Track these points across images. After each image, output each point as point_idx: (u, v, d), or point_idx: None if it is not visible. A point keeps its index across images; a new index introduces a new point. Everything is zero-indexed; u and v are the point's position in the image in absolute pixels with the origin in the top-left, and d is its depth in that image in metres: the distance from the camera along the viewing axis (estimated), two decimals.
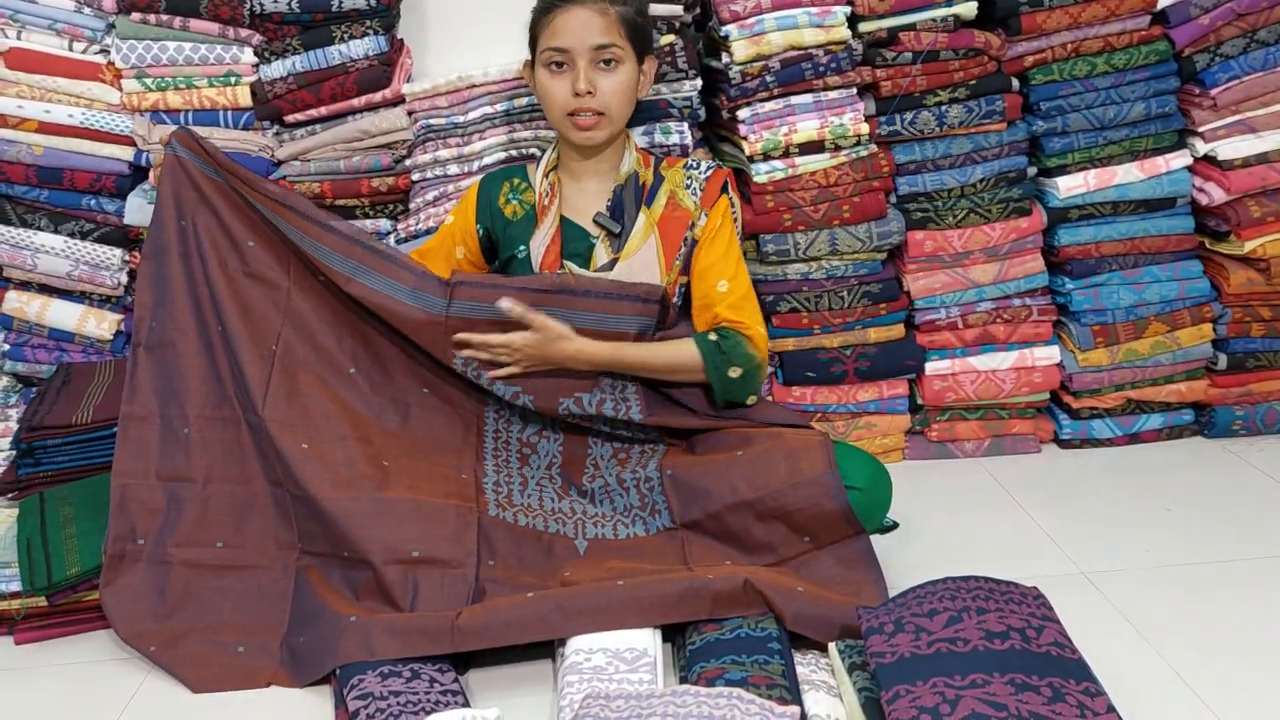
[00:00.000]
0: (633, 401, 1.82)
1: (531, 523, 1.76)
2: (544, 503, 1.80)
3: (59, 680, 1.62)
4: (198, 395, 1.81)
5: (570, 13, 1.77)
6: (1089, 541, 1.87)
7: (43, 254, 2.17)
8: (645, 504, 1.78)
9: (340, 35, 2.10)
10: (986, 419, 2.26)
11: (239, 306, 1.84)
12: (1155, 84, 2.16)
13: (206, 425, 1.81)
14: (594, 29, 1.77)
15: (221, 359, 1.83)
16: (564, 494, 1.83)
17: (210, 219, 1.87)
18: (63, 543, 1.72)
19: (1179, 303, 2.23)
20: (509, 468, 1.84)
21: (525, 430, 1.87)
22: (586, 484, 1.83)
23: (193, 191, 1.87)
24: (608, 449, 1.86)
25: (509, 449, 1.86)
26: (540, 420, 1.87)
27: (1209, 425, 2.28)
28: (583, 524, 1.77)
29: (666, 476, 1.77)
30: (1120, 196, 2.20)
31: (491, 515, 1.75)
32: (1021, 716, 1.21)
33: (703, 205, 1.88)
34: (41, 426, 1.93)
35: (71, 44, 2.11)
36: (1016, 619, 1.37)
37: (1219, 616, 1.63)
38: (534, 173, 1.93)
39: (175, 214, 1.86)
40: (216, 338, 1.84)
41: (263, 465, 1.79)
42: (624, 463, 1.84)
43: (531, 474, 1.84)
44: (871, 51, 2.12)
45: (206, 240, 1.86)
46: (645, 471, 1.79)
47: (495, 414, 1.88)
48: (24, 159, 2.13)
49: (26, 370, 2.27)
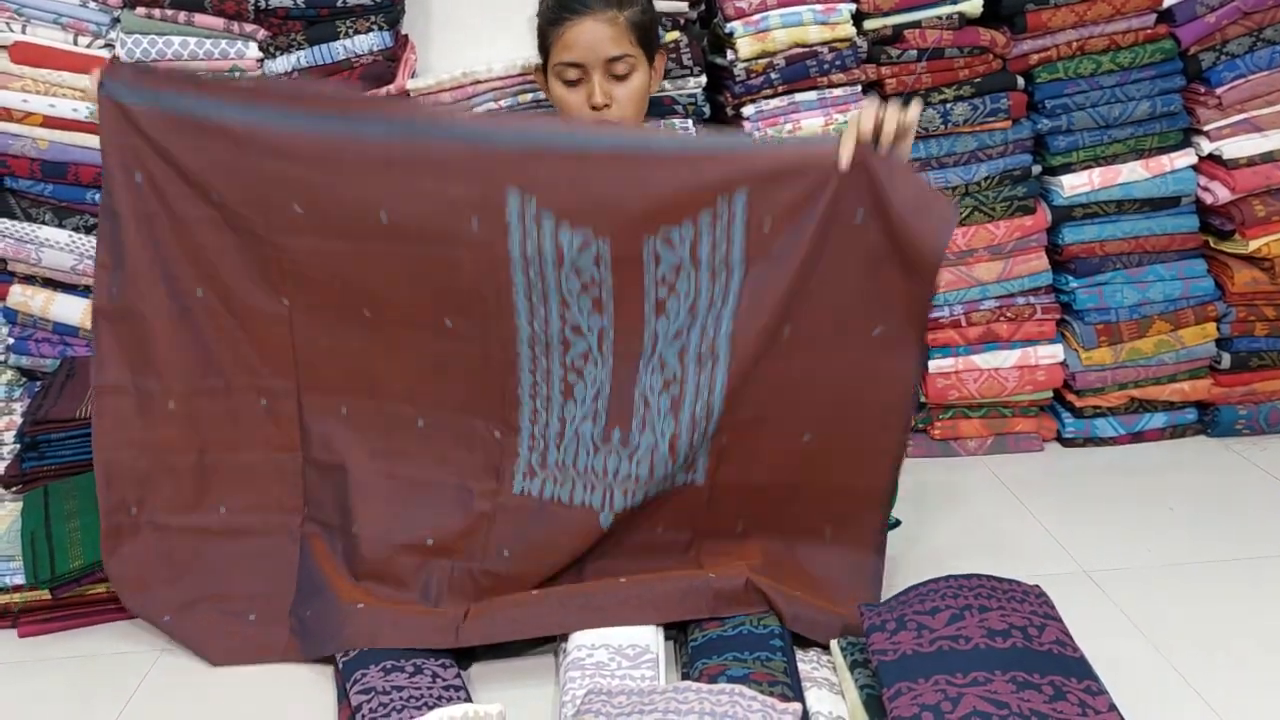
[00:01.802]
0: (737, 239, 1.51)
1: (558, 493, 1.63)
2: (578, 459, 1.63)
3: (63, 673, 1.62)
4: (178, 367, 1.70)
5: (581, 25, 1.75)
6: (1091, 540, 1.87)
7: (47, 248, 2.17)
8: (688, 464, 1.60)
9: (345, 30, 2.10)
10: (989, 417, 2.26)
11: (222, 266, 1.67)
12: (1160, 82, 2.16)
13: (194, 398, 1.71)
14: (605, 40, 1.75)
15: (205, 327, 1.69)
16: (602, 443, 1.62)
17: (166, 169, 1.63)
18: (66, 536, 1.73)
19: (1183, 301, 2.23)
20: (549, 408, 1.63)
21: (570, 353, 1.62)
22: (634, 432, 1.61)
23: (137, 138, 1.63)
24: (658, 379, 1.59)
25: (550, 381, 1.63)
26: (583, 339, 1.60)
27: (1212, 424, 2.27)
28: (612, 492, 1.60)
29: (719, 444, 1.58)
30: (1125, 195, 2.19)
31: (516, 494, 1.65)
32: (1023, 715, 1.21)
33: None
34: (46, 420, 1.93)
35: (76, 38, 2.11)
36: (1018, 617, 1.37)
37: (1221, 616, 1.63)
38: None
39: (123, 169, 1.64)
40: (196, 304, 1.69)
41: (267, 432, 1.71)
42: (677, 408, 1.58)
43: (573, 413, 1.63)
44: (876, 49, 2.12)
45: (168, 194, 1.64)
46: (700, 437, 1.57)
47: (531, 344, 1.61)
48: (29, 153, 2.13)
49: (31, 364, 2.27)
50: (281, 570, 1.68)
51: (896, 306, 1.50)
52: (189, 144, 1.62)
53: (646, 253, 1.53)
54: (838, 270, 1.50)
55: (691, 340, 1.56)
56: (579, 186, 1.52)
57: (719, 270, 1.52)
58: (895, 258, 1.48)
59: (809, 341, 1.53)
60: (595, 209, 1.52)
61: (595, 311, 1.58)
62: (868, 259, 1.49)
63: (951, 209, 1.52)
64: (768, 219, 1.49)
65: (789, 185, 1.48)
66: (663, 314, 1.56)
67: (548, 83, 1.85)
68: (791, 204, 1.48)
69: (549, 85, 1.85)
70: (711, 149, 1.54)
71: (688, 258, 1.53)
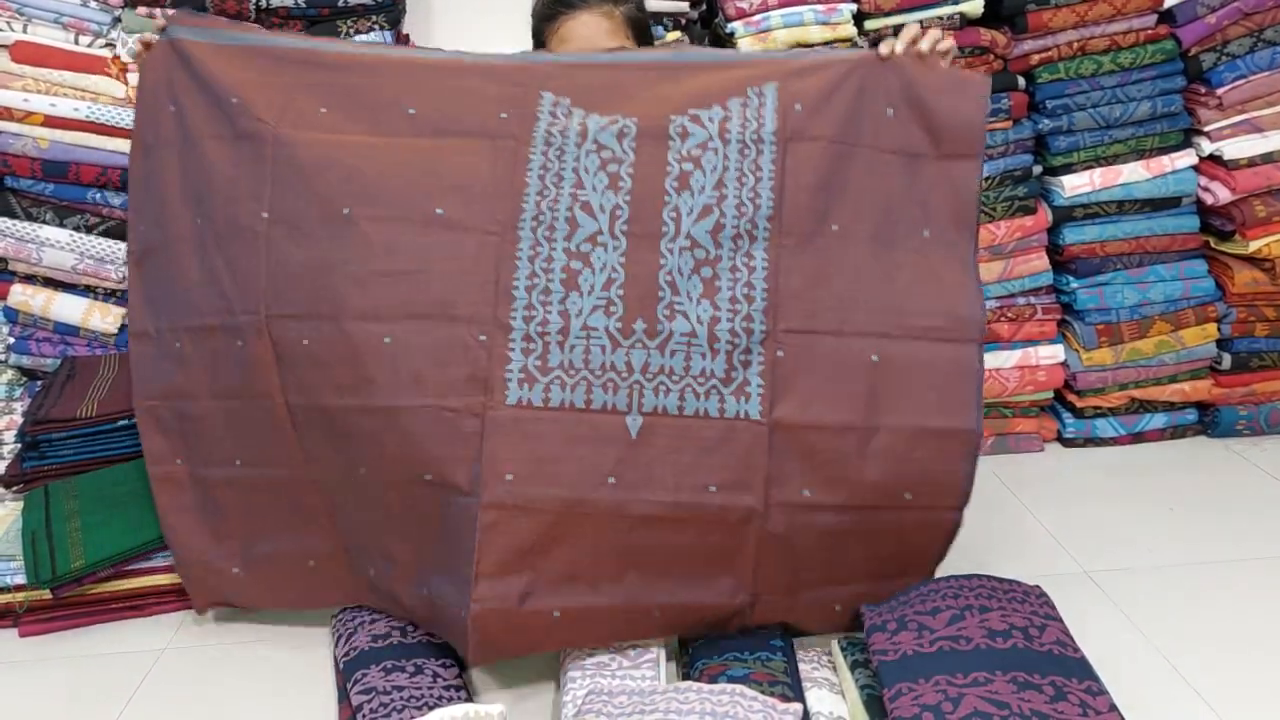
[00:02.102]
0: (768, 117, 1.47)
1: (568, 398, 1.43)
2: (590, 357, 1.44)
3: (63, 673, 1.63)
4: (187, 303, 1.61)
5: (577, 19, 1.75)
6: (1092, 540, 1.87)
7: (48, 248, 2.17)
8: (731, 378, 1.44)
9: (346, 30, 2.10)
10: (990, 417, 2.26)
11: (224, 181, 1.56)
12: (1161, 83, 2.16)
13: (198, 336, 1.60)
14: (601, 33, 1.76)
15: (214, 256, 1.58)
16: (622, 337, 1.44)
17: (200, 94, 1.58)
18: (67, 536, 1.73)
19: (1183, 302, 2.23)
20: (547, 302, 1.45)
21: (574, 236, 1.46)
22: (662, 320, 1.44)
23: (181, 70, 1.59)
24: (689, 259, 1.45)
25: (549, 270, 1.46)
26: (593, 219, 1.47)
27: (1212, 425, 2.27)
28: (640, 389, 1.43)
29: (775, 353, 1.43)
30: (1125, 195, 2.20)
31: (510, 406, 1.43)
32: (1024, 715, 1.21)
33: None
34: (46, 420, 1.93)
35: (77, 38, 2.11)
36: (1019, 617, 1.37)
37: (1221, 616, 1.63)
38: None
39: (166, 100, 1.61)
40: (208, 233, 1.59)
41: (261, 374, 1.55)
42: (713, 290, 1.45)
43: (578, 305, 1.45)
44: None
45: (198, 117, 1.58)
46: (748, 325, 1.44)
47: (534, 223, 1.47)
48: (29, 152, 2.13)
49: (31, 363, 2.27)
50: (320, 519, 1.60)
51: (942, 206, 1.48)
52: (232, 65, 1.58)
53: (673, 129, 1.48)
54: (876, 166, 1.48)
55: (728, 215, 1.46)
56: (611, 87, 1.52)
57: (749, 145, 1.46)
58: (932, 151, 1.47)
59: (856, 238, 1.47)
60: (625, 100, 1.50)
61: (610, 189, 1.47)
62: (905, 155, 1.48)
63: (984, 83, 1.49)
64: (797, 102, 1.47)
65: (817, 74, 1.48)
66: (685, 189, 1.46)
67: None
68: (820, 89, 1.47)
69: None
70: (742, 58, 1.60)
71: (716, 134, 1.47)
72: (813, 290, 1.46)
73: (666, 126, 1.47)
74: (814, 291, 1.46)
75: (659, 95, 1.49)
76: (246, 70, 1.57)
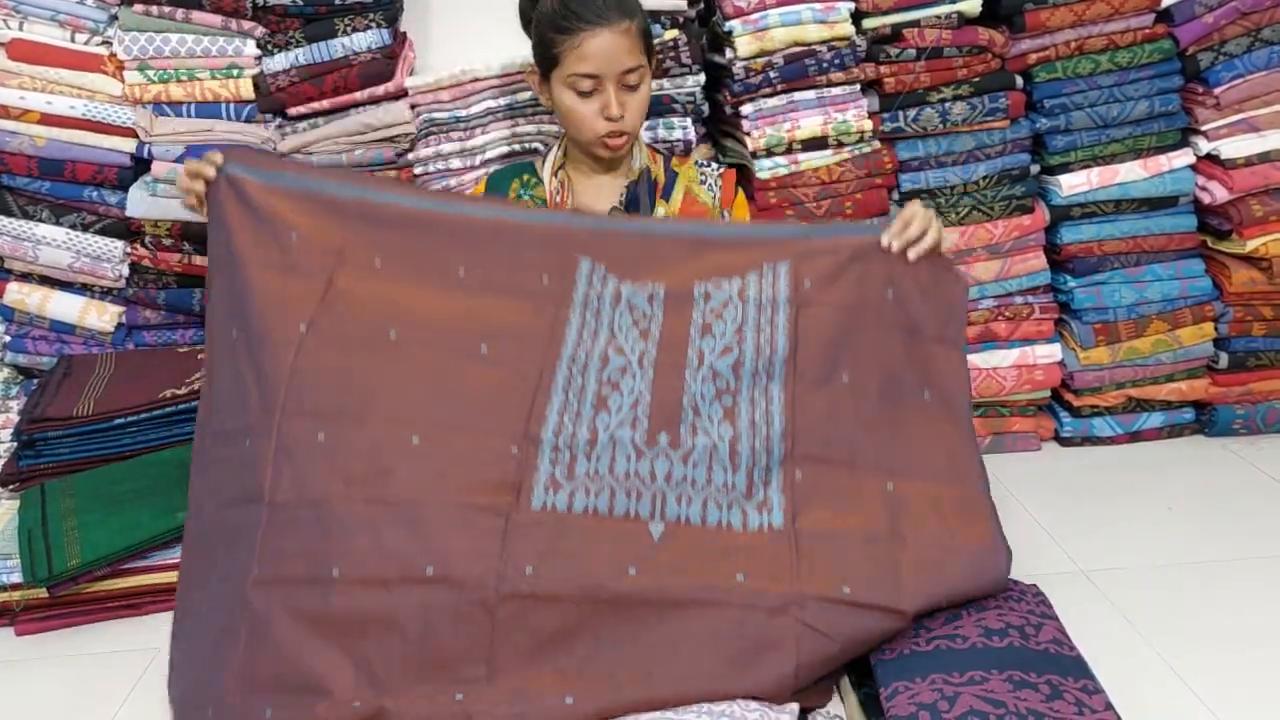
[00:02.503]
0: (782, 286, 1.57)
1: (593, 504, 1.42)
2: (615, 465, 1.45)
3: (60, 672, 1.62)
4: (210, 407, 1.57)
5: (599, 36, 1.71)
6: (1088, 540, 1.87)
7: (44, 246, 2.17)
8: (752, 493, 1.46)
9: (343, 28, 2.10)
10: (987, 416, 2.26)
11: (269, 301, 1.53)
12: (1159, 82, 2.16)
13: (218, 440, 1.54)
14: (623, 52, 1.73)
15: (244, 362, 1.52)
16: (647, 447, 1.46)
17: (257, 228, 1.57)
18: (64, 535, 1.72)
19: (1180, 301, 2.23)
20: (580, 421, 1.48)
21: (607, 369, 1.53)
22: (685, 436, 1.48)
23: (240, 205, 1.58)
24: (710, 388, 1.52)
25: (583, 398, 1.50)
26: (623, 356, 1.54)
27: (1209, 424, 2.28)
28: (663, 497, 1.43)
29: (794, 474, 1.47)
30: (1123, 195, 2.20)
31: (535, 510, 1.41)
32: (1020, 714, 1.21)
33: (723, 204, 1.89)
34: (43, 418, 1.93)
35: (74, 35, 2.11)
36: (1015, 616, 1.38)
37: (1218, 615, 1.63)
38: (541, 169, 1.91)
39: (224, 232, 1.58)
40: (241, 344, 1.54)
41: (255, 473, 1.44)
42: (733, 415, 1.50)
43: (606, 422, 1.48)
44: (875, 48, 2.12)
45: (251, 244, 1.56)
46: (768, 445, 1.48)
47: (570, 362, 1.53)
48: (26, 150, 2.13)
49: (27, 362, 2.27)
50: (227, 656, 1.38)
51: (936, 376, 1.59)
52: (290, 204, 1.59)
53: (698, 292, 1.58)
54: (880, 335, 1.57)
55: (746, 355, 1.54)
56: (642, 257, 1.61)
57: (765, 305, 1.56)
58: (923, 333, 1.59)
59: (866, 390, 1.55)
60: (656, 270, 1.60)
61: (641, 339, 1.56)
62: (903, 331, 1.58)
63: (963, 285, 1.63)
64: (808, 279, 1.57)
65: (826, 257, 1.58)
66: (708, 334, 1.56)
67: (551, 90, 1.80)
68: (828, 269, 1.58)
69: (555, 93, 1.79)
70: (762, 235, 1.66)
71: (735, 294, 1.58)
72: (825, 426, 1.52)
73: (692, 290, 1.58)
74: (826, 427, 1.52)
75: (685, 267, 1.60)
76: (302, 214, 1.59)
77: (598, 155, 1.83)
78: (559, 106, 1.81)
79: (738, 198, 1.91)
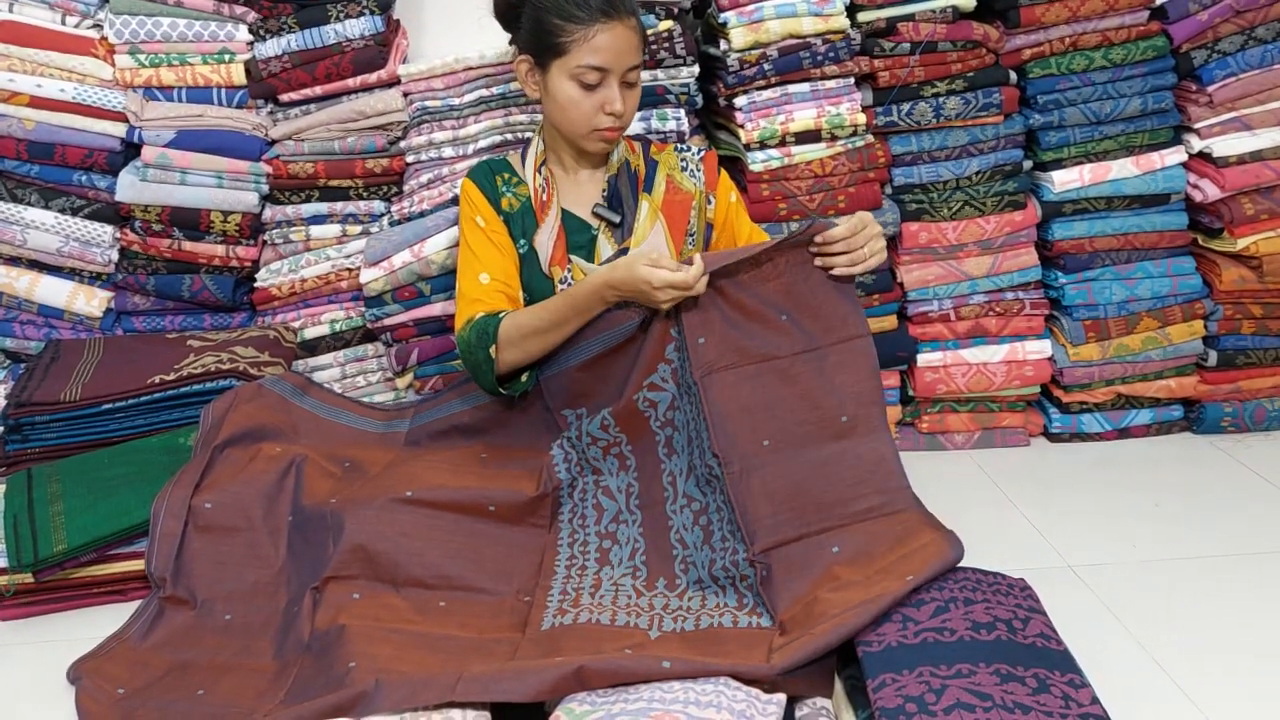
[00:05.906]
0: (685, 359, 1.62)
1: (596, 618, 1.53)
2: (619, 600, 1.57)
3: (44, 657, 1.62)
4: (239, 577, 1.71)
5: (613, 30, 1.69)
6: (1076, 535, 1.87)
7: (33, 230, 2.15)
8: (743, 604, 1.52)
9: (336, 14, 2.09)
10: (977, 411, 2.27)
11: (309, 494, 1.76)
12: (1152, 80, 2.17)
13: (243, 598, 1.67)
14: (631, 48, 1.72)
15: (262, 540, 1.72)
16: (646, 589, 1.60)
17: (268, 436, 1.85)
18: (50, 520, 1.72)
19: (1171, 299, 2.24)
20: (584, 574, 1.63)
21: (602, 520, 1.69)
22: (679, 575, 1.60)
23: (265, 414, 1.88)
24: (688, 515, 1.63)
25: (586, 551, 1.67)
26: (613, 500, 1.70)
27: (1198, 421, 2.28)
28: (660, 618, 1.52)
29: (760, 574, 1.51)
30: (1115, 192, 2.20)
31: (544, 630, 1.51)
32: (1006, 706, 1.21)
33: (708, 188, 1.87)
34: (30, 403, 1.92)
35: (64, 18, 2.10)
36: (1003, 610, 1.38)
37: (1204, 611, 1.64)
38: (518, 164, 1.89)
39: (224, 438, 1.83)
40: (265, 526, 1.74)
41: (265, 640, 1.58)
42: (709, 534, 1.59)
43: (610, 574, 1.63)
44: (870, 41, 2.12)
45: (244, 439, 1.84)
46: (736, 558, 1.53)
47: (570, 515, 1.71)
48: (15, 133, 2.11)
49: (15, 346, 2.25)
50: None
51: (848, 387, 1.61)
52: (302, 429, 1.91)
53: (641, 403, 1.67)
54: (788, 371, 1.60)
55: (697, 467, 1.62)
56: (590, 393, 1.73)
57: (691, 389, 1.61)
58: (826, 339, 1.62)
59: (786, 449, 1.58)
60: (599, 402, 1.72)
61: (622, 470, 1.71)
62: (806, 355, 1.61)
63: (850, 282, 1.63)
64: (700, 336, 1.61)
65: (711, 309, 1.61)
66: (674, 453, 1.67)
67: (547, 80, 1.75)
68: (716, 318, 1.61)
69: (552, 83, 1.74)
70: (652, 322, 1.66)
71: (675, 388, 1.65)
72: (769, 508, 1.55)
73: (636, 404, 1.67)
74: (770, 508, 1.55)
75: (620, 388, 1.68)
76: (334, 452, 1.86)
77: (586, 149, 1.82)
78: (555, 97, 1.76)
79: (721, 179, 1.89)
